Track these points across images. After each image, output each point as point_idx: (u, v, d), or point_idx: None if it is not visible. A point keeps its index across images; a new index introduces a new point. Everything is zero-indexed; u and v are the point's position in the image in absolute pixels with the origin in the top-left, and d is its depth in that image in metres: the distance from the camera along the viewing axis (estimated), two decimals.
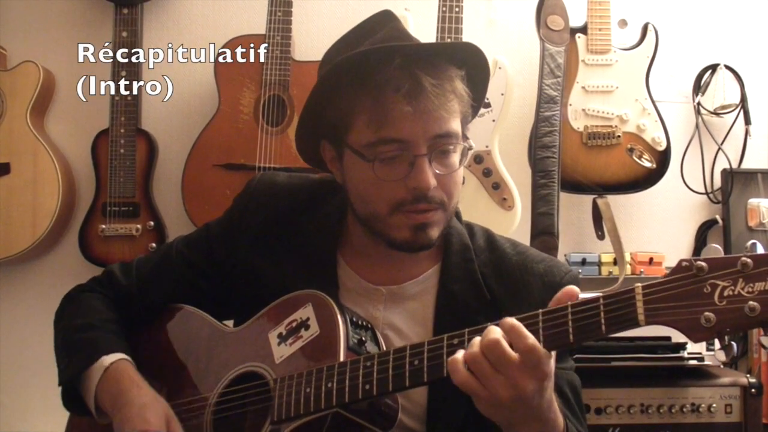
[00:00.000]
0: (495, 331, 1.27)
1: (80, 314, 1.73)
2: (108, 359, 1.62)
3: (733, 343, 1.04)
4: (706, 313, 1.16)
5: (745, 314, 1.14)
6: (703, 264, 1.17)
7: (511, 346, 1.25)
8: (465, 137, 1.57)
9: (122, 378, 1.60)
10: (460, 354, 1.29)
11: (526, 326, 1.27)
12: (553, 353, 1.29)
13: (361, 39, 1.58)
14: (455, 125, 1.52)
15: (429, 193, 1.50)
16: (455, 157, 1.55)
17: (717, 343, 2.54)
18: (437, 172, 1.51)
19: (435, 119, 1.49)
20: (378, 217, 1.55)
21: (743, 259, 1.15)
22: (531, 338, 1.24)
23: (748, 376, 2.51)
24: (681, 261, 1.20)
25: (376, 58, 1.50)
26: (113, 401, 1.57)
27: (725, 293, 1.16)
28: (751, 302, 1.13)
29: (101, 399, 1.60)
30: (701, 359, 2.52)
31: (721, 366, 2.59)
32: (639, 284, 1.23)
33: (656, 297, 1.21)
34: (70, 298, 1.81)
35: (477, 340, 1.28)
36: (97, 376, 1.61)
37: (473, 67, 1.57)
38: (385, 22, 1.62)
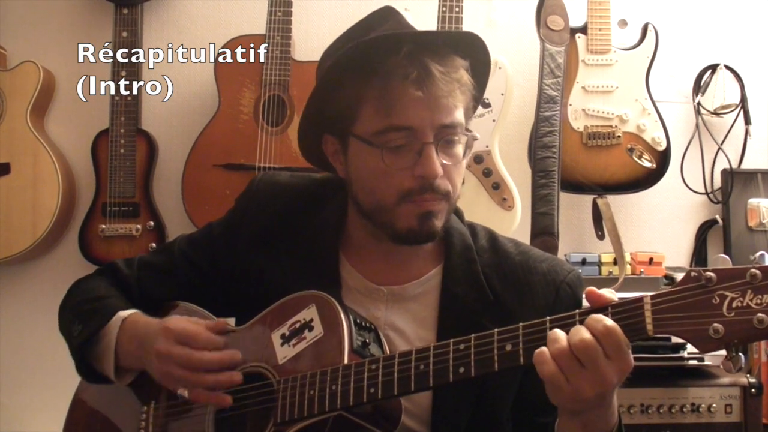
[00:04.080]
0: (584, 330, 1.24)
1: (87, 292, 1.74)
2: (124, 313, 1.65)
3: (741, 354, 1.04)
4: (715, 325, 1.16)
5: (753, 326, 1.14)
6: (712, 275, 1.17)
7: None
8: (468, 129, 1.57)
9: (141, 319, 1.63)
10: (545, 349, 1.26)
11: (533, 332, 1.28)
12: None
13: (363, 34, 1.58)
14: (460, 115, 1.53)
15: (435, 182, 1.50)
16: (459, 148, 1.55)
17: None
18: (443, 162, 1.51)
19: (443, 107, 1.49)
20: (384, 207, 1.54)
21: (752, 270, 1.15)
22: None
23: (747, 376, 2.51)
24: (690, 271, 1.20)
25: (383, 47, 1.50)
26: (141, 340, 1.59)
27: (734, 305, 1.16)
28: (759, 314, 1.13)
29: (124, 348, 1.61)
30: (701, 359, 2.52)
31: (721, 366, 2.59)
32: (647, 294, 1.23)
33: (665, 307, 1.21)
34: (75, 284, 1.81)
35: (562, 336, 1.25)
36: (115, 329, 1.62)
37: (476, 58, 1.58)
38: (387, 17, 1.62)
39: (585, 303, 1.34)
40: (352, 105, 1.53)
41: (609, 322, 1.23)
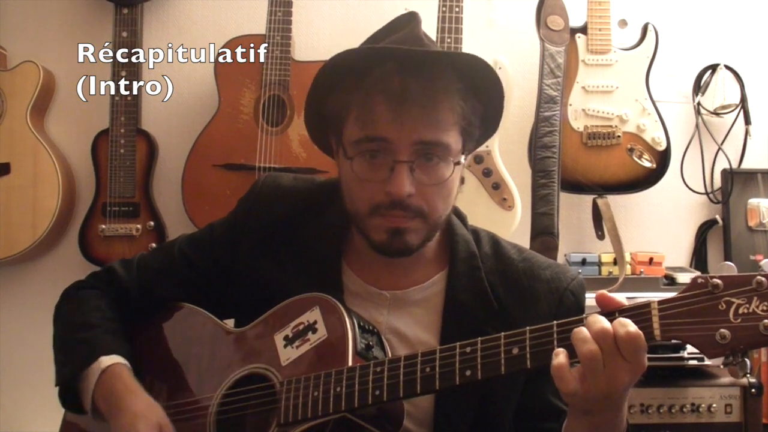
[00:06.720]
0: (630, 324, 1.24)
1: (79, 312, 1.72)
2: (106, 361, 1.62)
3: (747, 360, 1.05)
4: (722, 330, 1.17)
5: (759, 332, 1.15)
6: (719, 281, 1.18)
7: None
8: (465, 153, 1.55)
9: (117, 383, 1.59)
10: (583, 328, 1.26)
11: (540, 336, 1.29)
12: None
13: (381, 38, 1.59)
14: (446, 137, 1.49)
15: (405, 200, 1.49)
16: (443, 169, 1.51)
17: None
18: (422, 180, 1.50)
19: (421, 126, 1.47)
20: (359, 216, 1.54)
21: (758, 277, 1.16)
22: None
23: (748, 376, 2.52)
24: (696, 278, 1.21)
25: (371, 59, 1.50)
26: (108, 407, 1.57)
27: (740, 311, 1.17)
28: (766, 320, 1.15)
29: (98, 402, 1.59)
30: (701, 359, 2.52)
31: (721, 366, 2.60)
32: (655, 300, 1.23)
33: (672, 313, 1.22)
34: (69, 295, 1.80)
35: (602, 319, 1.25)
36: (95, 378, 1.60)
37: (478, 81, 1.55)
38: (406, 23, 1.61)
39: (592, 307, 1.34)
40: (341, 111, 1.54)
41: (632, 327, 1.22)
